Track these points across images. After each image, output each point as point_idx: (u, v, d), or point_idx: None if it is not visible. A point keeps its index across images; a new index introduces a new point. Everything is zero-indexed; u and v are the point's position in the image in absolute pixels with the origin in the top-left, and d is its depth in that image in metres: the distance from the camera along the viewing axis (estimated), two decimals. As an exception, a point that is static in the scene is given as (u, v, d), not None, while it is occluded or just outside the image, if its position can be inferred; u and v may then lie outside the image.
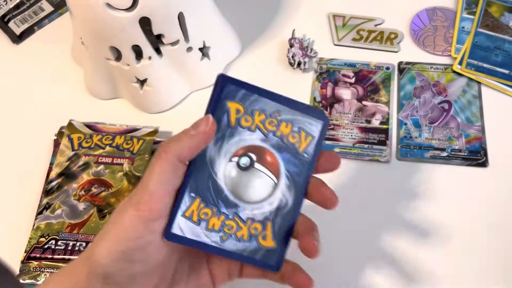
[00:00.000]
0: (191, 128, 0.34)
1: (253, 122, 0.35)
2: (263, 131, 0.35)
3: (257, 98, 0.35)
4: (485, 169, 0.52)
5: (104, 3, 0.45)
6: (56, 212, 0.49)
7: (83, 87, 0.59)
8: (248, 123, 0.35)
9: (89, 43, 0.52)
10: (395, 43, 0.60)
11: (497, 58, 0.57)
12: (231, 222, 0.35)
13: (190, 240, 0.35)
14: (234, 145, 0.35)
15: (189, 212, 0.34)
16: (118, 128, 0.54)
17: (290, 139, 0.36)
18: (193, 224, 0.35)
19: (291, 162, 0.36)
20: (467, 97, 0.56)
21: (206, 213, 0.35)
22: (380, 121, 0.55)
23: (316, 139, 0.36)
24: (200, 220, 0.35)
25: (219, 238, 0.35)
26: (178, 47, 0.52)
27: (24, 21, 0.64)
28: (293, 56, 0.58)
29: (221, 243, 0.35)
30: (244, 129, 0.35)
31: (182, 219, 0.34)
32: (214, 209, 0.35)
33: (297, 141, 0.36)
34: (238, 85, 0.35)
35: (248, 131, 0.35)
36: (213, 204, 0.35)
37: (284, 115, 0.35)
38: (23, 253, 0.47)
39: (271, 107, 0.35)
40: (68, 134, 0.53)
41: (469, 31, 0.60)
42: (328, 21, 0.62)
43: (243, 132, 0.35)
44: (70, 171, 0.51)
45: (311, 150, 0.36)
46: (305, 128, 0.36)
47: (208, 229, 0.35)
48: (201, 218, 0.35)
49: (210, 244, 0.35)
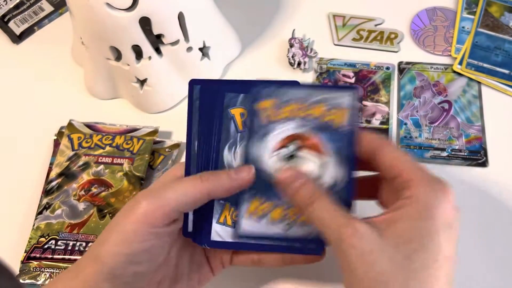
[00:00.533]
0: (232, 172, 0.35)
1: (289, 113, 0.36)
2: (297, 118, 0.36)
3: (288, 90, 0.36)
4: (485, 169, 0.52)
5: (104, 3, 0.45)
6: (56, 212, 0.49)
7: (83, 87, 0.59)
8: (281, 115, 0.36)
9: (89, 43, 0.52)
10: (395, 43, 0.60)
11: (497, 58, 0.57)
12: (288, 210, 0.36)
13: (227, 243, 0.36)
14: (272, 140, 0.36)
15: (222, 218, 0.36)
16: (118, 128, 0.54)
17: (326, 118, 0.36)
18: (227, 227, 0.36)
19: (333, 139, 0.36)
20: (467, 97, 0.56)
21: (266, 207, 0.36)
22: (380, 121, 0.55)
23: (351, 110, 0.36)
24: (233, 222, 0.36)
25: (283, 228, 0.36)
26: (178, 47, 0.52)
27: (24, 21, 0.64)
28: (293, 56, 0.58)
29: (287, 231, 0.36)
30: (278, 122, 0.36)
31: (216, 225, 0.36)
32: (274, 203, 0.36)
33: (333, 118, 0.36)
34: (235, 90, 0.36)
35: (283, 122, 0.36)
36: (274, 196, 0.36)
37: (313, 98, 0.36)
38: (23, 253, 0.47)
39: (298, 95, 0.36)
40: (68, 134, 0.53)
41: (469, 31, 0.60)
42: (328, 21, 0.62)
43: (279, 125, 0.36)
44: (70, 171, 0.51)
45: (349, 121, 0.36)
46: (337, 103, 0.36)
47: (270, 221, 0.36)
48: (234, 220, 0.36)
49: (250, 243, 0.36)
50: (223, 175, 0.35)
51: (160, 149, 0.53)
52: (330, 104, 0.36)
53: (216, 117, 0.36)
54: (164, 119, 0.56)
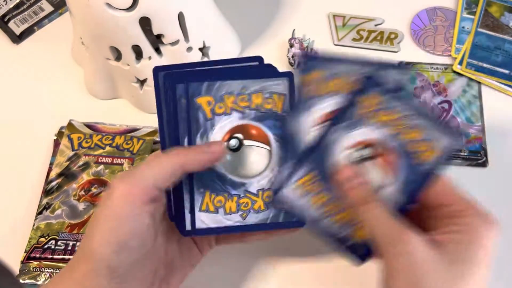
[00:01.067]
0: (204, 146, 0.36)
1: (226, 107, 0.37)
2: (239, 110, 0.37)
3: (220, 84, 0.37)
4: (485, 169, 0.52)
5: (104, 3, 0.45)
6: (56, 212, 0.49)
7: (83, 87, 0.59)
8: (222, 109, 0.37)
9: (89, 43, 0.52)
10: (395, 43, 0.60)
11: (497, 58, 0.57)
12: (244, 199, 0.37)
13: (215, 228, 0.37)
14: (218, 133, 0.37)
15: (204, 205, 0.37)
16: (118, 128, 0.54)
17: (266, 106, 0.37)
18: (212, 213, 0.37)
19: (275, 126, 0.37)
20: (467, 97, 0.56)
21: (220, 200, 0.37)
22: (380, 121, 0.55)
23: (288, 95, 0.37)
24: (217, 208, 0.37)
25: (240, 217, 0.37)
26: (178, 47, 0.52)
27: (24, 21, 0.64)
28: (293, 56, 0.58)
29: (244, 220, 0.37)
30: (221, 115, 0.37)
31: (201, 213, 0.37)
32: (225, 195, 0.37)
33: (273, 105, 0.37)
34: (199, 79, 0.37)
35: (225, 115, 0.37)
36: (223, 190, 0.37)
37: (251, 87, 0.37)
38: (23, 253, 0.47)
39: (236, 86, 0.37)
40: (68, 134, 0.53)
41: (469, 31, 0.60)
42: (328, 21, 0.62)
43: (221, 118, 0.37)
44: (70, 171, 0.51)
45: (288, 107, 0.37)
46: (275, 90, 0.37)
47: (226, 213, 0.37)
48: (217, 206, 0.37)
49: (234, 225, 0.37)
50: (196, 148, 0.36)
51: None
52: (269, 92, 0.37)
53: (183, 108, 0.37)
54: (164, 119, 0.56)
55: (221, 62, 0.38)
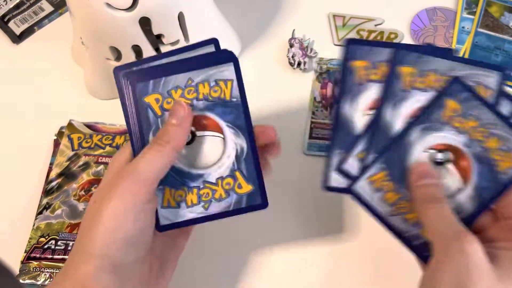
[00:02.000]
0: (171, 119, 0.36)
1: (173, 101, 0.37)
2: (188, 103, 0.37)
3: (166, 80, 0.36)
4: (485, 169, 0.51)
5: (104, 3, 0.45)
6: (56, 212, 0.49)
7: (83, 87, 0.59)
8: (170, 105, 0.37)
9: (89, 43, 0.52)
10: (395, 43, 0.60)
11: (497, 58, 0.57)
12: (204, 190, 0.37)
13: (179, 222, 0.37)
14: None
15: (165, 202, 0.37)
16: (118, 128, 0.54)
17: (213, 94, 0.37)
18: (174, 208, 0.37)
19: (225, 113, 0.37)
20: (467, 97, 0.56)
21: (180, 195, 0.37)
22: (380, 121, 0.55)
23: (235, 80, 0.37)
24: (178, 203, 0.37)
25: (202, 208, 0.37)
26: (178, 47, 0.52)
27: (24, 21, 0.64)
28: (293, 56, 0.58)
29: (206, 210, 0.37)
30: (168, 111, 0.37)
31: (162, 210, 0.37)
32: (185, 188, 0.37)
33: (220, 92, 0.37)
34: (144, 79, 0.36)
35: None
36: (182, 184, 0.37)
37: (197, 78, 0.37)
38: (23, 253, 0.47)
39: (182, 80, 0.36)
40: (68, 134, 0.53)
41: (469, 31, 0.60)
42: (328, 21, 0.62)
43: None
44: (70, 171, 0.51)
45: (236, 92, 0.37)
46: (220, 77, 0.37)
47: (188, 206, 0.37)
48: (178, 201, 0.37)
49: (197, 217, 0.37)
50: (169, 128, 0.35)
51: (160, 149, 0.53)
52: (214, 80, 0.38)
53: (132, 108, 0.37)
54: (164, 119, 0.56)
55: (175, 52, 0.37)
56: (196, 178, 0.37)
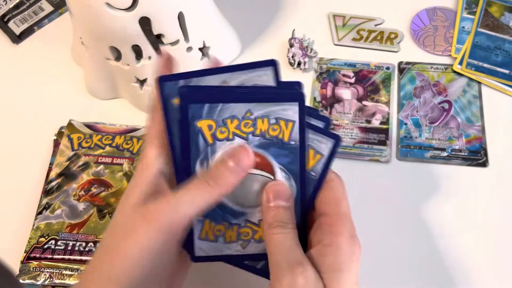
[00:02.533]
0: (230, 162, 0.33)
1: (228, 131, 0.34)
2: (242, 136, 0.34)
3: (223, 107, 0.33)
4: (485, 169, 0.52)
5: (104, 3, 0.45)
6: (56, 212, 0.49)
7: (83, 87, 0.59)
8: (224, 134, 0.34)
9: (89, 43, 0.52)
10: (395, 43, 0.60)
11: (497, 58, 0.57)
12: (245, 229, 0.35)
13: (215, 256, 0.35)
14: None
15: (203, 233, 0.35)
16: (118, 128, 0.54)
17: (271, 132, 0.34)
18: (212, 242, 0.35)
19: (281, 154, 0.34)
20: (467, 97, 0.56)
21: (220, 229, 0.35)
22: (380, 121, 0.55)
23: (297, 122, 0.34)
24: (216, 237, 0.35)
25: (240, 247, 0.36)
26: (178, 47, 0.52)
27: (24, 21, 0.64)
28: (293, 56, 0.58)
29: (243, 249, 0.36)
30: (223, 141, 0.34)
31: (200, 242, 0.35)
32: (225, 224, 0.35)
33: (278, 132, 0.34)
34: (200, 100, 0.33)
35: (227, 141, 0.34)
36: (223, 219, 0.35)
37: (257, 112, 0.34)
38: (23, 253, 0.47)
39: (240, 110, 0.33)
40: (68, 134, 0.53)
41: (469, 31, 0.60)
42: (328, 21, 0.62)
43: (223, 144, 0.34)
44: (70, 171, 0.51)
45: (296, 135, 0.34)
46: (282, 116, 0.34)
47: (226, 242, 0.35)
48: (217, 235, 0.35)
49: (234, 254, 0.36)
50: (224, 172, 0.33)
51: (160, 149, 0.53)
52: (275, 118, 0.34)
53: (183, 130, 0.34)
54: (164, 119, 0.56)
55: (229, 69, 0.35)
56: (238, 216, 0.35)
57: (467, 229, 0.48)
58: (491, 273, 0.46)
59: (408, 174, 0.52)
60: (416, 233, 0.48)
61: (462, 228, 0.48)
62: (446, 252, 0.47)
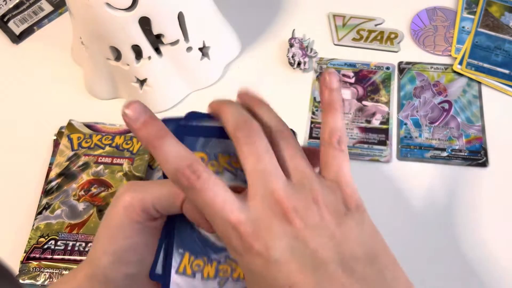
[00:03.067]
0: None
1: (219, 165, 0.34)
2: (231, 171, 0.34)
3: (216, 142, 0.34)
4: (485, 169, 0.51)
5: (104, 3, 0.45)
6: (56, 212, 0.49)
7: (83, 87, 0.59)
8: (214, 168, 0.34)
9: (89, 43, 0.52)
10: (395, 43, 0.60)
11: (497, 58, 0.57)
12: (224, 266, 0.35)
13: None
14: None
15: (181, 267, 0.34)
16: (117, 128, 0.54)
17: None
18: (188, 277, 0.34)
19: None
20: (467, 97, 0.56)
21: (198, 264, 0.34)
22: (380, 121, 0.55)
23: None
24: (194, 273, 0.34)
25: (217, 284, 0.34)
26: (178, 47, 0.52)
27: (23, 21, 0.64)
28: (293, 56, 0.58)
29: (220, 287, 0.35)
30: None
31: (176, 276, 0.34)
32: (204, 258, 0.34)
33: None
34: (195, 134, 0.33)
35: (217, 175, 0.33)
36: (203, 253, 0.34)
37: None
38: (23, 253, 0.47)
39: (232, 146, 0.33)
40: (68, 134, 0.53)
41: (469, 31, 0.60)
42: (328, 21, 0.62)
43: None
44: (69, 171, 0.51)
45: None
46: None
47: (204, 278, 0.34)
48: (195, 270, 0.34)
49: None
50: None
51: (160, 149, 0.53)
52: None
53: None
54: (164, 119, 0.56)
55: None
56: (219, 251, 0.34)
57: (467, 229, 0.48)
58: (491, 273, 0.46)
59: (408, 174, 0.52)
60: (416, 233, 0.48)
61: (462, 228, 0.48)
62: (446, 252, 0.47)
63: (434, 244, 0.48)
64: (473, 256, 0.47)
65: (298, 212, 0.28)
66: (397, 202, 0.50)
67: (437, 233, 0.48)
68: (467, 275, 0.46)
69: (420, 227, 0.49)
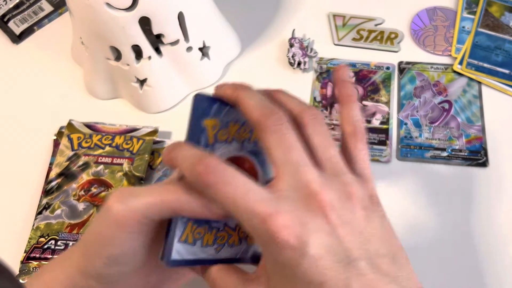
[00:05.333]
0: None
1: (229, 135, 0.34)
2: (238, 141, 0.35)
3: (229, 109, 0.34)
4: (485, 169, 0.51)
5: (104, 3, 0.45)
6: (56, 212, 0.49)
7: (83, 87, 0.59)
8: (224, 136, 0.34)
9: (89, 43, 0.52)
10: (395, 43, 0.60)
11: (497, 58, 0.57)
12: (222, 233, 0.35)
13: (190, 260, 0.35)
14: None
15: (184, 236, 0.34)
16: (117, 128, 0.54)
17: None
18: (189, 245, 0.34)
19: (268, 163, 0.35)
20: (467, 97, 0.56)
21: (199, 232, 0.35)
22: (380, 121, 0.55)
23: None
24: (195, 240, 0.35)
25: (214, 251, 0.35)
26: (178, 47, 0.52)
27: (23, 21, 0.64)
28: (293, 56, 0.58)
29: (216, 254, 0.35)
30: (222, 142, 0.34)
31: (178, 244, 0.34)
32: (205, 227, 0.35)
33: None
34: (211, 101, 0.33)
35: (225, 143, 0.34)
36: (205, 222, 0.35)
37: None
38: (23, 253, 0.47)
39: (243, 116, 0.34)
40: (68, 134, 0.53)
41: (470, 31, 0.60)
42: (328, 21, 0.62)
43: (222, 146, 0.34)
44: (69, 171, 0.51)
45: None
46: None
47: (203, 246, 0.35)
48: (196, 238, 0.35)
49: (207, 258, 0.35)
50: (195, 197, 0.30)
51: (160, 149, 0.53)
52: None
53: (191, 128, 0.33)
54: (164, 119, 0.56)
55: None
56: (220, 220, 0.35)
57: (467, 229, 0.48)
58: (490, 273, 0.46)
59: (408, 174, 0.52)
60: (416, 233, 0.48)
61: (462, 228, 0.48)
62: (446, 252, 0.47)
63: (434, 244, 0.48)
64: (473, 256, 0.47)
65: (335, 207, 0.27)
66: (397, 202, 0.50)
67: (437, 233, 0.48)
68: (467, 275, 0.46)
69: (420, 227, 0.49)
